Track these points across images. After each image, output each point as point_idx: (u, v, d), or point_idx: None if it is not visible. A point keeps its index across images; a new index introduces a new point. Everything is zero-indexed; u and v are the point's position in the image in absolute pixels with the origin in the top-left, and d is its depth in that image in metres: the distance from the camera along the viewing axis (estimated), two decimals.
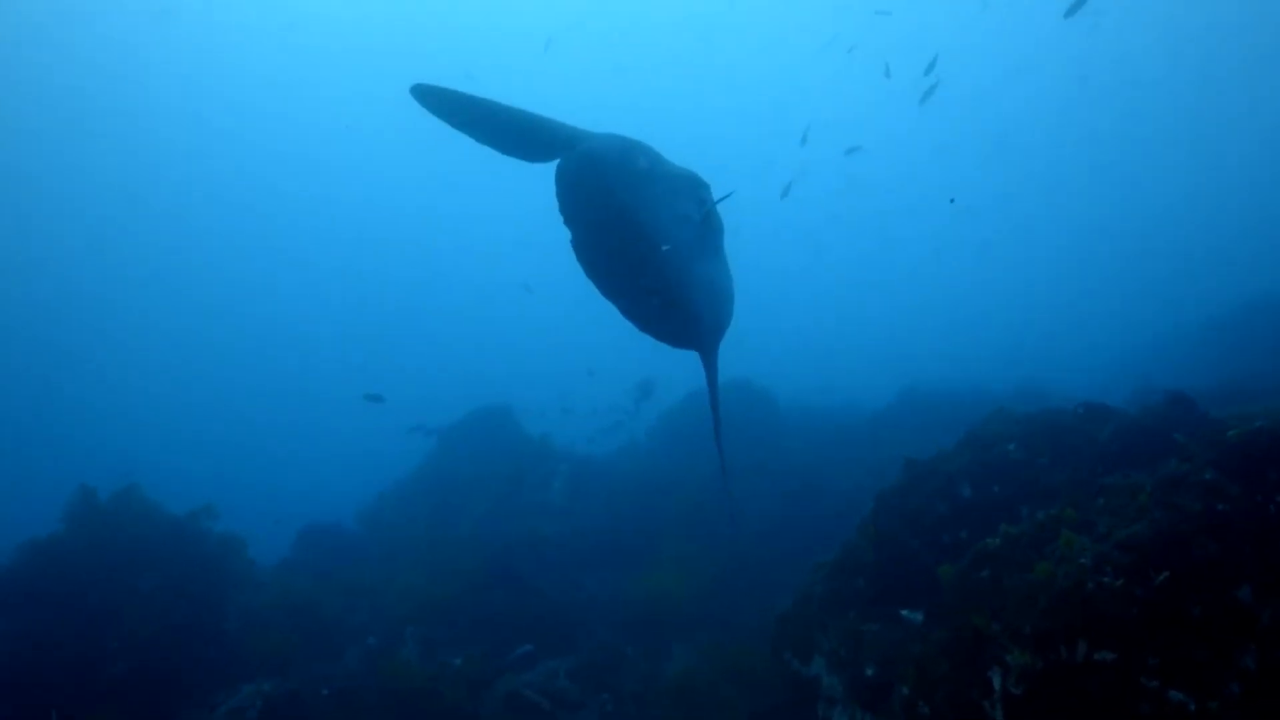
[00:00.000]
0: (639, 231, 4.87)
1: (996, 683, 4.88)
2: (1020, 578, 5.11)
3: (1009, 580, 5.20)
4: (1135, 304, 36.83)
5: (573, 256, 5.16)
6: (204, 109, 53.85)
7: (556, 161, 5.10)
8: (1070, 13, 17.99)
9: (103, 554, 10.57)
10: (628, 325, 5.46)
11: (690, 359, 5.89)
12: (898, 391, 18.81)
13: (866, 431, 16.74)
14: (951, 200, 50.39)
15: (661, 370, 21.28)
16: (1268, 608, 4.82)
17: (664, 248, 4.93)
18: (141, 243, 56.77)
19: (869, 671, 6.22)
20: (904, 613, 6.88)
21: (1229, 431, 5.33)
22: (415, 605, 11.41)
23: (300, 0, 50.98)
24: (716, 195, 5.75)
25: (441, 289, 57.68)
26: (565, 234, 5.18)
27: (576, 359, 26.14)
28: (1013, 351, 30.67)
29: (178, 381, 53.63)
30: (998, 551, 5.45)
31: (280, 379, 54.85)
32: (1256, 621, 4.77)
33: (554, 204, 5.03)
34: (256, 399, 52.48)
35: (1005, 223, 50.00)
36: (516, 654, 10.09)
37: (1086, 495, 5.69)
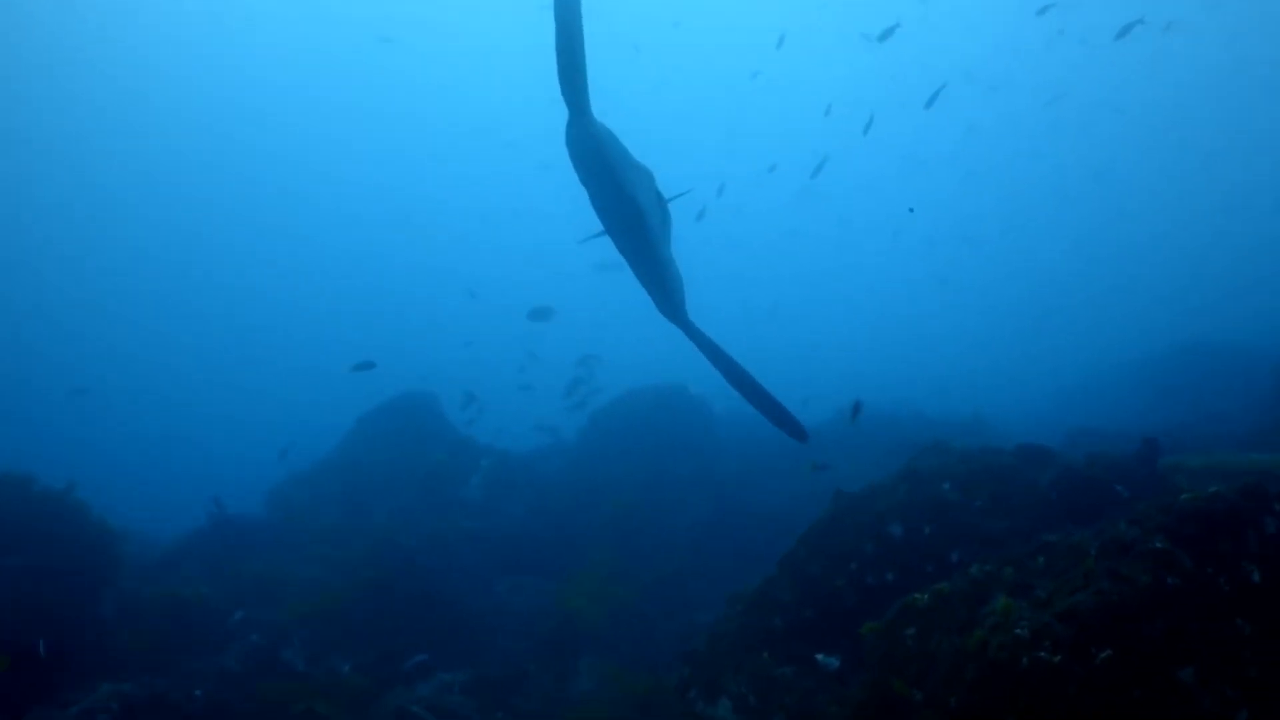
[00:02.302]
0: (634, 208, 5.41)
1: None
2: (949, 641, 4.64)
3: (936, 643, 4.73)
4: (1074, 341, 37.24)
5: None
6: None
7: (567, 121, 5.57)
8: (1121, 34, 18.82)
9: None
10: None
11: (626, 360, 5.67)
12: (837, 408, 18.45)
13: (800, 449, 16.31)
14: (910, 210, 50.23)
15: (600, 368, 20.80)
16: (1210, 692, 4.42)
17: (650, 221, 5.59)
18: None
19: None
20: (819, 657, 6.41)
21: (1182, 495, 4.93)
22: (310, 601, 10.67)
23: None
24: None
25: (387, 275, 56.10)
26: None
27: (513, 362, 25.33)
28: (954, 379, 30.69)
29: (91, 347, 51.42)
30: (926, 609, 4.98)
31: (210, 352, 52.94)
32: (1198, 707, 4.38)
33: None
34: (178, 370, 50.54)
35: (960, 254, 50.26)
36: (411, 663, 9.43)
37: (1026, 552, 5.25)
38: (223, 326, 54.74)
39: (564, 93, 5.47)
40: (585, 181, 5.60)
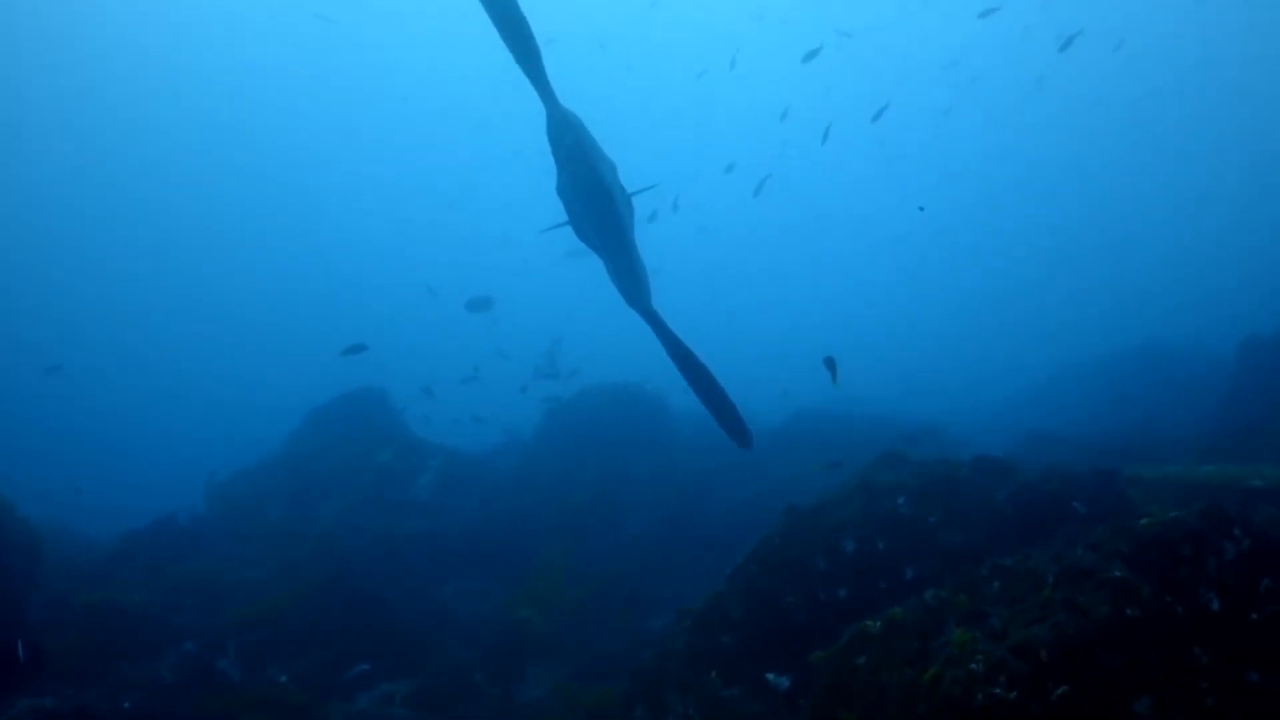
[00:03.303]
0: (605, 191, 5.46)
1: None
2: (901, 673, 4.46)
3: (889, 674, 4.54)
4: (1035, 340, 37.30)
5: None
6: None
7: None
8: (1064, 46, 19.20)
9: None
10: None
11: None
12: (794, 410, 18.28)
13: (759, 448, 16.15)
14: (921, 209, 49.88)
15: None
16: None
17: (620, 208, 5.66)
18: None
19: None
20: (770, 677, 6.23)
21: (1141, 520, 4.79)
22: (249, 606, 10.28)
23: None
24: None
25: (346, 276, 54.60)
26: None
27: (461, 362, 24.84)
28: (916, 377, 30.67)
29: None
30: (878, 637, 4.79)
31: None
32: None
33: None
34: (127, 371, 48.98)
35: (930, 251, 50.16)
36: (352, 673, 9.13)
37: (981, 576, 5.08)
38: (165, 316, 53.05)
39: (531, 79, 5.67)
40: (563, 166, 5.69)
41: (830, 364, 7.75)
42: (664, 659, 6.59)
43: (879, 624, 4.85)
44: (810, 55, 18.92)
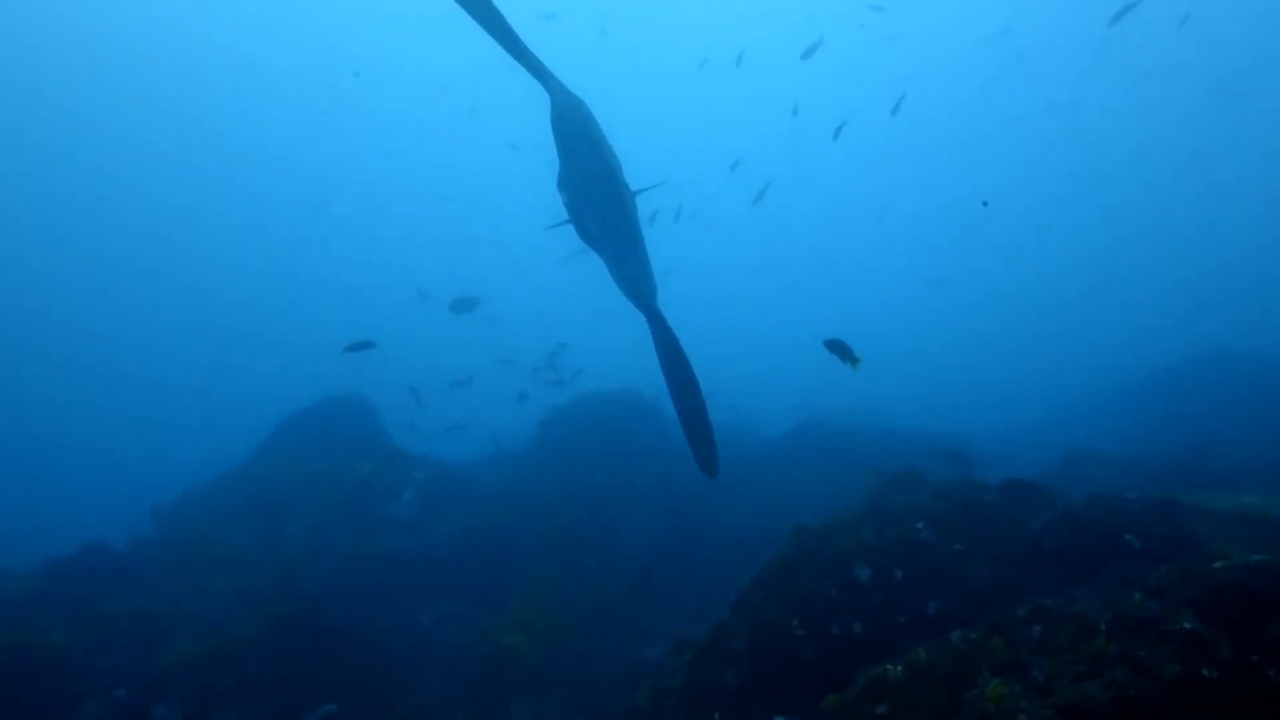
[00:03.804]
0: (612, 178, 5.23)
1: None
2: None
3: None
4: (1073, 350, 34.73)
5: None
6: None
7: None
8: (1115, 19, 18.28)
9: None
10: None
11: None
12: (803, 420, 17.33)
13: (762, 461, 15.34)
14: (985, 204, 47.52)
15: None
16: None
17: (627, 198, 5.37)
18: None
19: None
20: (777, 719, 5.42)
21: (1215, 563, 3.94)
22: (196, 644, 9.24)
23: None
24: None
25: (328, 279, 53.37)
26: None
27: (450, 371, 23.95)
28: (939, 388, 29.26)
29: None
30: (900, 684, 4.02)
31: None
32: None
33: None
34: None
35: (955, 252, 48.00)
36: (315, 717, 8.25)
37: (1018, 618, 4.24)
38: (127, 318, 51.51)
39: (527, 67, 5.39)
40: (568, 155, 5.36)
41: (840, 348, 6.78)
42: (661, 696, 5.81)
43: (900, 669, 4.09)
44: (809, 51, 18.36)
